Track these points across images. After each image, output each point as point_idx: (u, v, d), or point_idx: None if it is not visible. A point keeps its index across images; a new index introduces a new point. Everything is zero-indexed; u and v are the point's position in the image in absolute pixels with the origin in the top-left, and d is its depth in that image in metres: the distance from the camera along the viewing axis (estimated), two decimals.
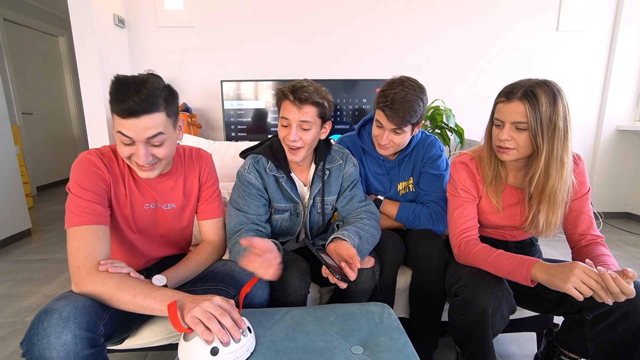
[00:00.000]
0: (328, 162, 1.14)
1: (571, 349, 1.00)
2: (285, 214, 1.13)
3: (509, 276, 0.87)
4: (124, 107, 0.77)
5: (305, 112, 0.99)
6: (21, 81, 3.86)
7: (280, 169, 1.09)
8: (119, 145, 0.83)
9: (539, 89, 0.84)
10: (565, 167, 0.88)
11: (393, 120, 1.07)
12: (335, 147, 1.18)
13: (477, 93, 2.81)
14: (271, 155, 1.09)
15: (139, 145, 0.81)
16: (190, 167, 1.03)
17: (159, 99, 0.80)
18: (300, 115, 0.99)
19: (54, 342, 0.63)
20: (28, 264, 2.15)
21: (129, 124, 0.78)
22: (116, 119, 0.79)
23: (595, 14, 2.73)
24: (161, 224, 0.99)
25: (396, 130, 1.10)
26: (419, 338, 1.13)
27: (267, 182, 1.09)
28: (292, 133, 1.00)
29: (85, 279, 0.74)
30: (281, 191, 1.11)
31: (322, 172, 1.12)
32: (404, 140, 1.14)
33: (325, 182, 1.13)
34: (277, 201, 1.11)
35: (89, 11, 2.18)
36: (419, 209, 1.21)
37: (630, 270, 0.73)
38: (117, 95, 0.77)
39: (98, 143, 2.33)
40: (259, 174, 1.08)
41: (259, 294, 0.92)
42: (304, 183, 1.14)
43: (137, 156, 0.82)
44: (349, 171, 1.16)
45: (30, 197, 3.42)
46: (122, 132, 0.79)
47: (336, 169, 1.15)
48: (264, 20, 2.66)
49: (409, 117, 1.07)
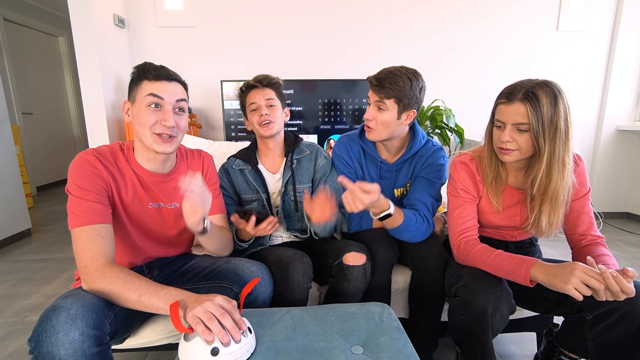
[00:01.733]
0: (296, 153, 1.27)
1: (571, 349, 1.00)
2: (253, 204, 1.24)
3: (508, 276, 0.88)
4: (161, 72, 0.88)
5: (267, 92, 1.19)
6: (21, 81, 3.86)
7: (247, 162, 1.24)
8: (145, 112, 0.87)
9: (540, 90, 0.84)
10: (567, 168, 0.88)
11: (377, 90, 1.09)
12: (304, 142, 1.33)
13: (477, 93, 2.81)
14: (241, 153, 1.28)
15: (167, 109, 0.88)
16: (192, 165, 1.04)
17: (180, 77, 0.94)
18: (265, 95, 1.18)
19: (62, 339, 0.63)
20: (28, 264, 2.15)
21: (162, 86, 0.87)
22: (146, 85, 0.87)
23: (595, 13, 2.73)
24: (164, 223, 0.99)
25: (379, 104, 1.10)
26: (419, 338, 1.13)
27: (234, 177, 1.25)
28: (262, 108, 1.17)
29: (93, 278, 0.75)
30: (247, 182, 1.24)
31: (290, 162, 1.25)
32: (387, 120, 1.10)
33: (295, 171, 1.25)
34: (244, 193, 1.25)
35: (89, 11, 2.18)
36: (415, 227, 1.10)
37: (631, 270, 0.73)
38: (150, 65, 0.88)
39: (98, 143, 2.33)
40: (226, 173, 1.25)
41: (262, 290, 0.93)
42: (273, 172, 1.26)
43: (165, 119, 0.87)
44: (320, 163, 1.28)
45: (30, 197, 3.42)
46: (154, 94, 0.86)
47: (306, 159, 1.27)
48: (264, 20, 2.66)
49: (392, 89, 1.06)
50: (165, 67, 0.90)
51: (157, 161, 0.94)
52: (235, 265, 0.97)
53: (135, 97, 0.88)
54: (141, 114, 0.86)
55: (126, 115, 0.92)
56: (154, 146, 0.88)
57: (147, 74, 0.87)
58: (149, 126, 0.86)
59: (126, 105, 0.92)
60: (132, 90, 0.90)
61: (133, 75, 0.90)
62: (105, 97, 2.32)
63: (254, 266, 0.97)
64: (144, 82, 0.87)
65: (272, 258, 1.05)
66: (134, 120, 0.89)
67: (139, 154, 0.93)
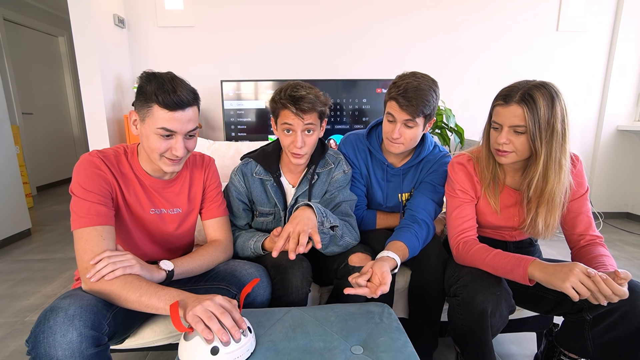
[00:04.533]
0: (320, 166, 1.15)
1: (571, 349, 1.00)
2: (269, 217, 1.16)
3: (507, 275, 0.88)
4: (175, 100, 0.80)
5: (308, 119, 1.01)
6: (21, 81, 3.86)
7: (269, 173, 1.12)
8: (156, 140, 0.83)
9: (537, 92, 0.83)
10: (564, 170, 0.88)
11: (407, 108, 1.01)
12: (330, 151, 1.19)
13: (476, 93, 2.81)
14: (262, 159, 1.13)
15: (178, 138, 0.85)
16: (195, 171, 1.04)
17: (194, 91, 0.86)
18: (304, 124, 1.01)
19: (60, 340, 0.63)
20: (28, 264, 2.15)
21: (175, 117, 0.82)
22: (158, 112, 0.81)
23: (596, 14, 2.73)
24: (165, 228, 0.99)
25: (408, 122, 1.04)
26: (419, 338, 1.12)
27: (252, 185, 1.13)
28: (298, 140, 1.01)
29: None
30: (266, 195, 1.13)
31: (311, 175, 1.13)
32: (415, 135, 1.08)
33: (313, 185, 1.14)
34: (261, 205, 1.14)
35: (89, 11, 2.18)
36: (419, 247, 1.07)
37: (622, 272, 0.74)
38: (164, 87, 0.80)
39: (98, 143, 2.34)
40: (244, 177, 1.13)
41: (260, 293, 0.92)
42: (293, 185, 1.15)
43: (175, 148, 0.85)
44: (336, 176, 1.15)
45: (30, 197, 3.42)
46: (166, 128, 0.82)
47: (325, 173, 1.15)
48: (264, 20, 2.66)
49: (422, 106, 1.01)
50: (178, 89, 0.81)
51: (161, 168, 0.93)
52: (234, 267, 0.96)
53: (145, 118, 0.83)
54: (151, 140, 0.84)
55: (133, 127, 0.88)
56: (162, 167, 0.89)
57: (159, 97, 0.80)
58: (159, 152, 0.85)
59: (133, 116, 0.87)
60: (141, 106, 0.83)
61: (142, 85, 0.82)
62: (105, 97, 2.32)
63: (252, 268, 0.97)
64: (155, 107, 0.81)
65: (271, 261, 1.02)
66: (142, 138, 0.87)
67: (143, 160, 0.93)
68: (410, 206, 1.15)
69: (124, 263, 0.76)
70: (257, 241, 1.06)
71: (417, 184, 1.21)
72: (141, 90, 0.83)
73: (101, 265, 0.75)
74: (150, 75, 0.83)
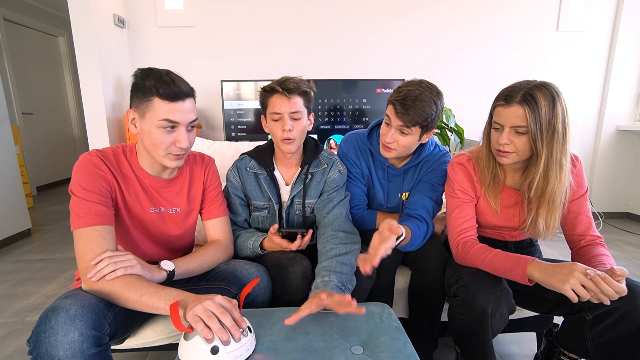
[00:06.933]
0: (313, 166, 1.17)
1: (571, 349, 1.00)
2: (264, 211, 1.17)
3: (507, 275, 0.88)
4: (175, 90, 0.82)
5: (295, 102, 1.05)
6: (21, 81, 3.86)
7: (263, 167, 1.15)
8: (159, 134, 0.84)
9: (538, 92, 0.83)
10: (564, 170, 0.88)
11: (402, 116, 1.02)
12: (324, 152, 1.20)
13: (476, 93, 2.81)
14: (256, 155, 1.18)
15: (181, 130, 0.86)
16: (195, 171, 1.04)
17: (189, 84, 0.88)
18: (291, 106, 1.05)
19: (61, 339, 0.63)
20: (28, 264, 2.15)
21: (177, 108, 0.83)
22: (159, 105, 0.82)
23: (595, 14, 2.73)
24: (165, 227, 0.99)
25: (403, 128, 1.04)
26: (419, 338, 1.13)
27: (246, 179, 1.16)
28: (286, 123, 1.05)
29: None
30: (260, 189, 1.16)
31: (305, 174, 1.15)
32: (409, 143, 1.07)
33: (307, 185, 1.15)
34: (255, 199, 1.16)
35: (89, 11, 2.18)
36: (420, 240, 1.08)
37: (618, 268, 0.74)
38: (163, 79, 0.82)
39: (98, 143, 2.34)
40: (238, 172, 1.17)
41: (261, 293, 0.93)
42: (287, 182, 1.17)
43: (180, 140, 0.85)
44: (332, 176, 1.16)
45: (30, 197, 3.42)
46: (169, 119, 0.83)
47: (319, 173, 1.16)
48: (264, 20, 2.66)
49: (418, 117, 1.01)
50: (176, 81, 0.83)
51: (160, 167, 0.94)
52: (234, 267, 0.96)
53: (145, 113, 0.83)
54: (154, 135, 0.84)
55: (132, 126, 0.87)
56: (166, 163, 0.89)
57: (159, 89, 0.81)
58: (164, 147, 0.86)
59: (131, 114, 0.86)
60: (140, 102, 0.83)
61: (138, 82, 0.83)
62: (105, 97, 2.32)
63: (253, 268, 0.97)
64: (156, 100, 0.82)
65: (271, 260, 1.03)
66: (143, 136, 0.87)
67: (142, 159, 0.93)
68: (409, 205, 1.15)
69: (125, 263, 0.76)
70: (255, 241, 1.07)
71: (416, 183, 1.21)
72: (138, 86, 0.84)
73: (102, 265, 0.75)
74: (146, 70, 0.84)
